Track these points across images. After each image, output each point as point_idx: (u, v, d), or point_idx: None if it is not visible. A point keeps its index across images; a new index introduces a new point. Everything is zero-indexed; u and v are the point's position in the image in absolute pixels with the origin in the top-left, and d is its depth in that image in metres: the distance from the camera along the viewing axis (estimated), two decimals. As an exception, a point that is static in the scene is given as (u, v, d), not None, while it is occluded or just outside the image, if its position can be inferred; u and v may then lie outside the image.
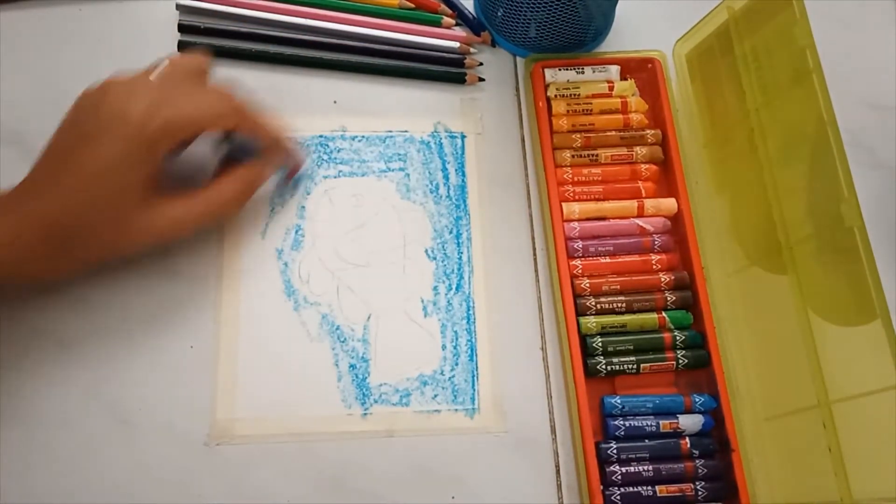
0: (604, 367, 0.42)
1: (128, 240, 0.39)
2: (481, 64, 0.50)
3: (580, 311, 0.43)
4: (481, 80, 0.50)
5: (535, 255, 0.46)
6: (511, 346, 0.43)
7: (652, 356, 0.42)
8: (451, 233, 0.46)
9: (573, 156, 0.47)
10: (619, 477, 0.40)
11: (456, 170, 0.47)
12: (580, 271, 0.44)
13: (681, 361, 0.42)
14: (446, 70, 0.49)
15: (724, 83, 0.45)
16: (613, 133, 0.47)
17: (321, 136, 0.47)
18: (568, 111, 0.47)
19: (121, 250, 0.39)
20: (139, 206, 0.38)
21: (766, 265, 0.42)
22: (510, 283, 0.45)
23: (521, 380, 0.43)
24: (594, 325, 0.43)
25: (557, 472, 0.41)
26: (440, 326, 0.43)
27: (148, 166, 0.37)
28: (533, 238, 0.46)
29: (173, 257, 0.43)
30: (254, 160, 0.42)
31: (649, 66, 0.49)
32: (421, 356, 0.43)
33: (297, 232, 0.45)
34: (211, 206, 0.40)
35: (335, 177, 0.47)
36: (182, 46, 0.48)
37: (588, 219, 0.45)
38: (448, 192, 0.47)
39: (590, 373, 0.42)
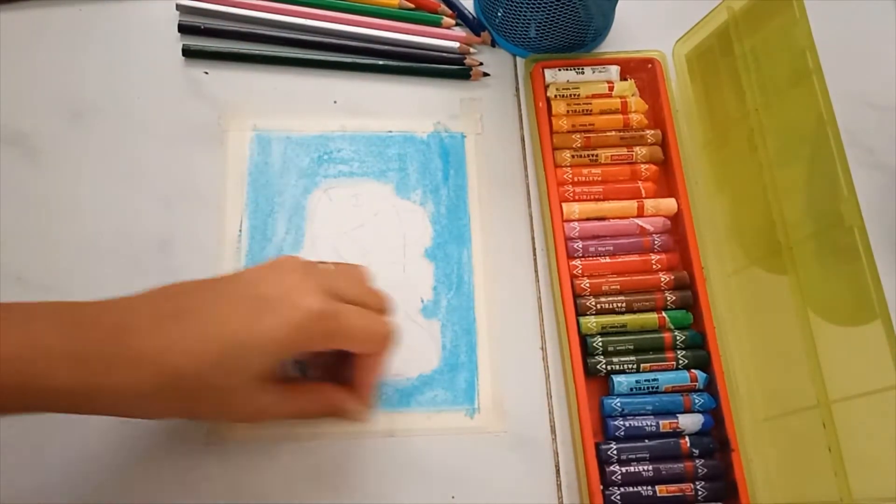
0: (604, 366, 0.42)
1: (229, 410, 0.36)
2: (481, 64, 0.50)
3: (580, 311, 0.43)
4: (486, 74, 0.50)
5: (535, 255, 0.46)
6: (511, 346, 0.43)
7: (652, 356, 0.42)
8: (450, 233, 0.46)
9: (573, 156, 0.47)
10: (619, 477, 0.40)
11: (456, 170, 0.47)
12: (580, 271, 0.44)
13: (681, 361, 0.42)
14: (452, 66, 0.49)
15: (724, 83, 0.45)
16: (613, 133, 0.47)
17: (321, 136, 0.47)
18: (568, 111, 0.47)
19: (215, 417, 0.38)
20: (256, 384, 0.34)
21: (765, 265, 0.42)
22: (510, 283, 0.45)
23: (521, 380, 0.43)
24: (594, 325, 0.43)
25: (557, 472, 0.41)
26: (440, 326, 0.43)
27: (291, 354, 0.35)
28: (533, 238, 0.46)
29: (173, 257, 0.43)
30: (345, 389, 0.38)
31: (649, 66, 0.49)
32: (421, 356, 0.43)
33: (297, 232, 0.45)
34: (298, 413, 0.38)
35: (335, 177, 0.46)
36: (186, 52, 0.48)
37: (588, 219, 0.45)
38: (448, 192, 0.47)
39: (590, 373, 0.42)
